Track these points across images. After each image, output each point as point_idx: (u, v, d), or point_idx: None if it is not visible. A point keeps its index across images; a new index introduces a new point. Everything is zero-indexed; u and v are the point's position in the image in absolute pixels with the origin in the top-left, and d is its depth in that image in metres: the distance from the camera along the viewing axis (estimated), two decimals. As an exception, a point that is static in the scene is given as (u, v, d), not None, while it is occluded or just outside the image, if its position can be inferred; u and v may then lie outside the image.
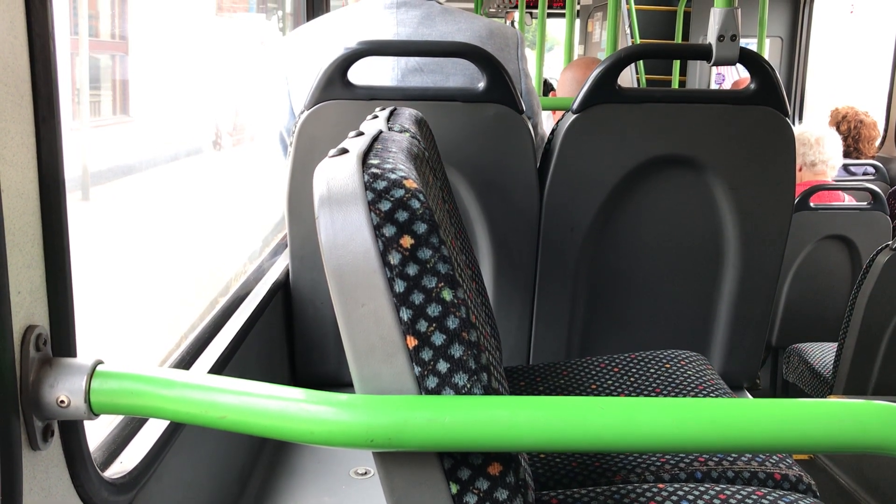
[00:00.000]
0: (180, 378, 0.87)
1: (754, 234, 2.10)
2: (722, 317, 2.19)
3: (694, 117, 2.02)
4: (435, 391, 0.85)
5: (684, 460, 1.47)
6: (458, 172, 1.99)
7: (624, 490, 1.27)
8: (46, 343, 0.85)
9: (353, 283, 0.84)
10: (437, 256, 0.85)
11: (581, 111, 1.99)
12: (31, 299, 0.83)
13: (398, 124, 1.28)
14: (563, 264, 2.10)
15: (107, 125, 2.21)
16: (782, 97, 2.00)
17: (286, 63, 2.11)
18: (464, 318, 0.86)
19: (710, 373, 1.81)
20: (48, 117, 0.84)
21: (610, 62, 1.98)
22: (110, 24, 2.24)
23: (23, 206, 0.81)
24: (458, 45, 1.91)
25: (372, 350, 0.85)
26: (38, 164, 0.84)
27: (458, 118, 1.94)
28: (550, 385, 1.78)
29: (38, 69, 0.83)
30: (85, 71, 1.94)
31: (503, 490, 0.89)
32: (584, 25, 8.52)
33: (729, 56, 1.95)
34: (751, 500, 1.22)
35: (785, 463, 1.47)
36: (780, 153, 2.04)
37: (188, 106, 2.72)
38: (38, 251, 0.84)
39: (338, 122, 1.88)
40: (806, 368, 3.18)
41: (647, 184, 2.06)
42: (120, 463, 1.09)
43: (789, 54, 6.08)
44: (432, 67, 2.03)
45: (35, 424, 0.83)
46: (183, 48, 2.67)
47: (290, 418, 0.83)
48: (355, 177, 0.86)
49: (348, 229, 0.84)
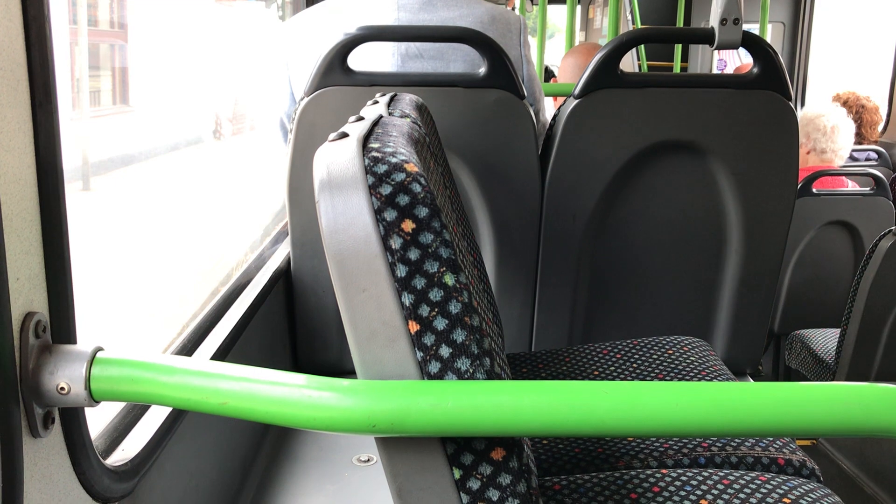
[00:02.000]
0: (181, 364, 0.86)
1: (757, 220, 2.09)
2: (725, 303, 2.18)
3: (696, 102, 2.01)
4: (437, 376, 0.85)
5: (687, 446, 1.47)
6: (459, 159, 1.98)
7: (627, 475, 1.27)
8: (46, 330, 0.85)
9: (354, 267, 0.84)
10: (439, 241, 0.85)
11: (583, 96, 1.98)
12: (29, 286, 0.82)
13: (399, 109, 1.27)
14: (565, 250, 2.09)
15: (107, 115, 2.20)
16: (785, 81, 1.99)
17: (287, 49, 2.10)
18: (466, 303, 0.85)
19: (712, 359, 1.80)
20: (45, 102, 0.83)
21: (611, 47, 1.96)
22: (109, 13, 2.23)
23: (20, 192, 0.81)
24: (459, 31, 1.90)
25: (373, 335, 0.85)
26: (36, 149, 0.83)
27: (459, 104, 1.93)
28: (553, 371, 1.78)
29: (34, 54, 0.82)
30: (84, 60, 1.93)
31: (506, 475, 0.88)
32: (585, 11, 8.48)
33: (732, 40, 1.94)
34: (754, 485, 1.22)
35: (788, 448, 1.47)
36: (783, 138, 2.02)
37: (188, 95, 2.71)
38: (37, 237, 0.84)
39: (338, 109, 1.87)
40: (808, 354, 3.17)
41: (649, 169, 2.06)
42: (122, 450, 1.09)
43: (791, 39, 6.04)
44: (433, 54, 2.01)
45: (35, 412, 0.83)
46: (182, 36, 2.66)
47: (291, 404, 0.82)
48: (356, 160, 0.85)
49: (349, 213, 0.83)
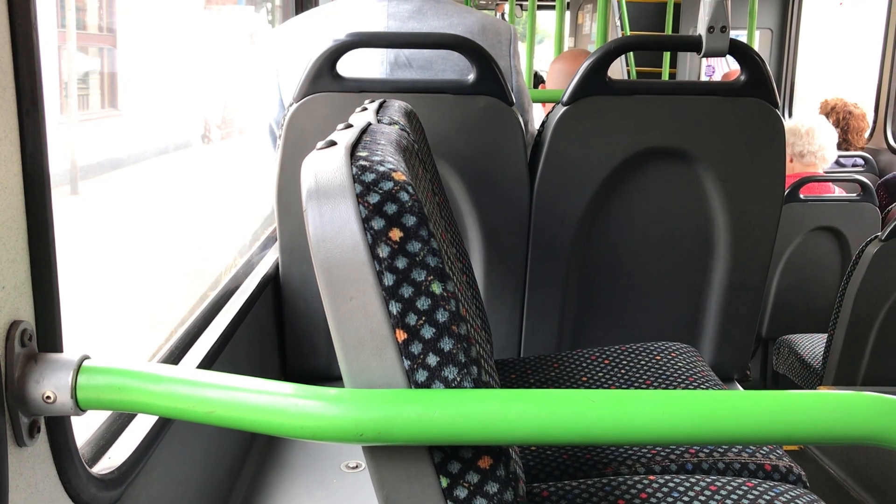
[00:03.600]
0: (168, 373, 0.86)
1: (744, 226, 2.10)
2: (712, 308, 2.19)
3: (684, 109, 2.02)
4: (425, 385, 0.85)
5: (675, 452, 1.47)
6: (448, 165, 1.98)
7: (615, 482, 1.27)
8: (32, 338, 0.84)
9: (342, 276, 0.84)
10: (427, 249, 0.85)
11: (571, 103, 1.98)
12: (15, 294, 0.82)
13: (387, 116, 1.27)
14: (553, 257, 2.10)
15: (95, 119, 2.19)
16: (772, 89, 2.00)
17: (277, 55, 2.10)
18: (454, 312, 0.85)
19: (700, 364, 1.81)
20: (32, 110, 0.83)
21: (600, 54, 1.97)
22: (98, 17, 2.23)
23: (6, 201, 0.80)
24: (448, 37, 1.90)
25: (361, 344, 0.85)
26: (23, 157, 0.83)
27: (448, 110, 1.94)
28: (541, 377, 1.78)
29: (21, 61, 0.81)
30: (72, 64, 1.93)
31: (494, 483, 0.88)
32: (574, 17, 8.51)
33: (719, 47, 1.95)
34: (741, 490, 1.23)
35: (775, 454, 1.47)
36: (770, 144, 2.04)
37: (177, 99, 2.70)
38: (23, 246, 0.83)
39: (327, 115, 1.87)
40: (796, 359, 3.19)
41: (637, 176, 2.06)
42: (108, 458, 1.08)
43: (779, 46, 6.08)
44: (421, 63, 2.02)
45: (21, 421, 0.82)
46: (171, 41, 2.65)
47: (278, 413, 0.82)
48: (343, 169, 0.85)
49: (336, 222, 0.83)
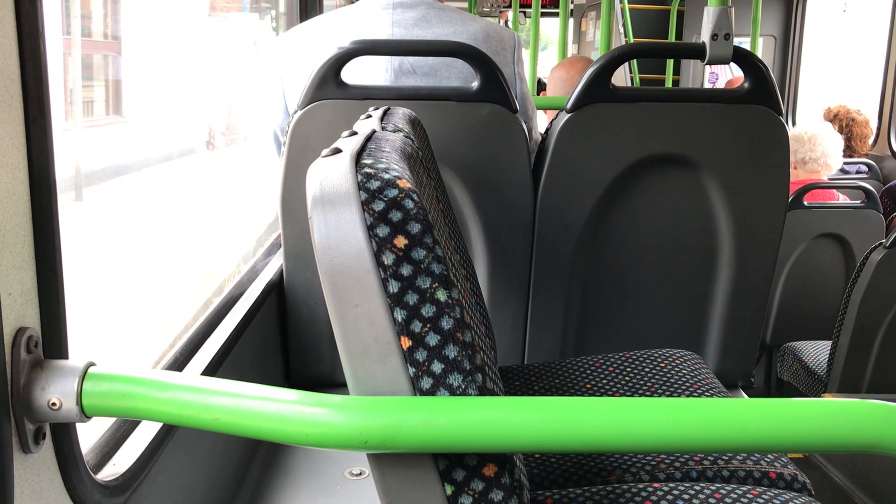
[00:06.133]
0: (172, 380, 0.86)
1: (748, 233, 2.10)
2: (716, 315, 2.19)
3: (688, 116, 2.02)
4: (429, 392, 0.85)
5: (679, 459, 1.47)
6: (452, 172, 1.98)
7: (619, 490, 1.27)
8: (38, 345, 0.85)
9: (347, 283, 0.84)
10: (431, 256, 0.85)
11: (575, 110, 1.98)
12: (22, 301, 0.82)
13: (392, 124, 1.28)
14: (557, 263, 2.10)
15: (100, 125, 2.20)
16: (776, 96, 2.00)
17: (281, 62, 2.11)
18: (458, 319, 0.85)
19: (704, 371, 1.81)
20: (39, 118, 0.83)
21: (604, 61, 1.97)
22: (103, 24, 2.23)
23: (13, 207, 0.81)
24: (452, 45, 1.90)
25: (366, 351, 0.85)
26: (29, 164, 0.83)
27: (452, 118, 1.94)
28: (545, 385, 1.78)
29: (28, 69, 0.82)
30: (77, 71, 1.93)
31: (498, 491, 0.88)
32: (577, 25, 8.52)
33: (723, 55, 1.95)
34: (746, 498, 1.22)
35: (780, 462, 1.47)
36: (773, 152, 2.04)
37: (181, 106, 2.71)
38: (29, 252, 0.83)
39: (331, 122, 1.87)
40: (800, 367, 3.18)
41: (641, 183, 2.06)
42: (113, 465, 1.08)
43: (782, 53, 6.08)
44: (426, 70, 2.02)
45: (26, 427, 0.82)
46: (176, 48, 2.66)
47: (283, 420, 0.82)
48: (348, 176, 0.86)
49: (342, 230, 0.84)
